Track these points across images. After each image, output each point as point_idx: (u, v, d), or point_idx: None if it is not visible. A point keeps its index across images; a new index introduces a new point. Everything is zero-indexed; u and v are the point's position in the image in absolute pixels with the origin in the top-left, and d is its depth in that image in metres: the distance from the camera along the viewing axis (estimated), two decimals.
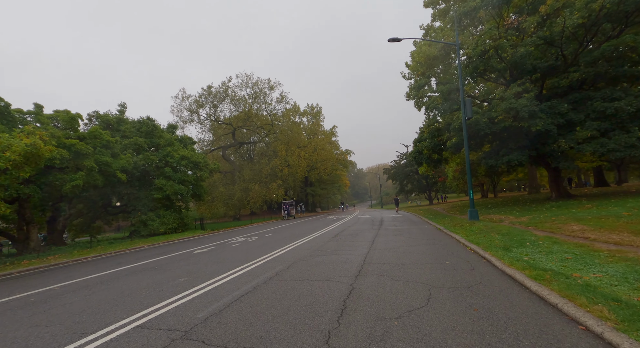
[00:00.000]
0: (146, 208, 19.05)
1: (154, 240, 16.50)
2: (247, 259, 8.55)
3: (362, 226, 16.92)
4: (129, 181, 18.17)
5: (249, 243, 12.42)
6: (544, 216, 13.22)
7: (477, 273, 5.72)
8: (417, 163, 24.45)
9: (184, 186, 20.09)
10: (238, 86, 38.98)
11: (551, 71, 17.25)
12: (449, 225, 13.92)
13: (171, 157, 19.87)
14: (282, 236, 14.11)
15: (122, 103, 21.06)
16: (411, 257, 7.44)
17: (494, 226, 11.95)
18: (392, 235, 12.18)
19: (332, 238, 12.24)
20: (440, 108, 18.57)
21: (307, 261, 7.59)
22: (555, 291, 4.25)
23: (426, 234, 12.03)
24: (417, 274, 5.83)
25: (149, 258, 10.66)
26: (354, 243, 10.37)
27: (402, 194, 55.00)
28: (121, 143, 18.10)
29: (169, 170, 19.54)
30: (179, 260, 9.52)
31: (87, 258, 11.87)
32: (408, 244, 9.63)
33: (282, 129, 42.48)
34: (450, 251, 8.11)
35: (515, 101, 14.92)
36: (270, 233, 16.39)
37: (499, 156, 17.73)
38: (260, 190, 34.92)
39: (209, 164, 24.05)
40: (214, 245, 12.86)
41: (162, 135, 20.67)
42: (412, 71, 26.61)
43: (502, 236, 9.60)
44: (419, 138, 23.55)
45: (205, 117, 39.64)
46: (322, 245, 10.32)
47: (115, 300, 5.54)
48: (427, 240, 10.26)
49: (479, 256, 7.22)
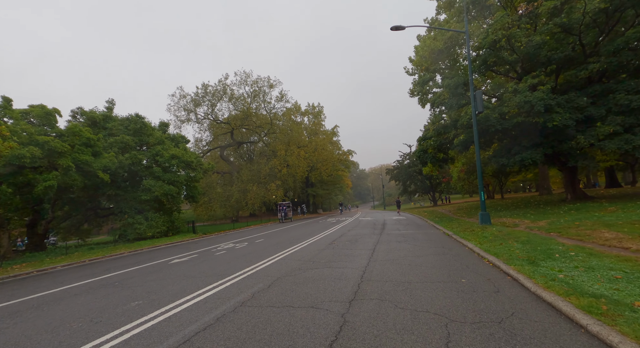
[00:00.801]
0: (133, 210, 17.92)
1: (138, 245, 15.36)
2: (225, 273, 7.35)
3: (363, 230, 15.69)
4: (114, 182, 17.08)
5: (236, 251, 11.23)
6: (564, 220, 11.92)
7: (504, 298, 4.48)
8: (422, 162, 23.16)
9: (174, 187, 18.94)
10: (236, 84, 37.94)
11: (567, 62, 15.94)
12: (458, 230, 12.65)
13: (161, 156, 18.73)
14: (274, 242, 12.91)
15: (110, 99, 19.97)
16: (418, 272, 6.21)
17: (509, 232, 10.67)
18: (396, 241, 10.93)
19: (329, 244, 11.01)
20: (447, 103, 17.29)
21: (295, 277, 6.37)
22: (630, 337, 3.00)
23: (433, 240, 10.77)
24: (428, 298, 4.60)
25: (119, 268, 9.48)
26: (352, 252, 9.14)
27: (405, 195, 53.63)
28: (106, 141, 16.99)
29: (158, 170, 18.39)
30: (148, 272, 8.33)
31: (55, 268, 10.72)
32: (414, 253, 8.39)
33: (282, 129, 41.34)
34: (464, 263, 6.87)
35: (530, 94, 13.64)
36: (263, 238, 15.19)
37: (511, 154, 16.43)
38: (259, 191, 33.74)
39: (203, 164, 22.91)
40: (196, 252, 11.66)
41: (152, 133, 19.55)
42: (416, 66, 25.37)
43: (522, 244, 8.34)
44: (423, 136, 22.27)
45: (203, 116, 38.56)
46: (315, 254, 9.10)
47: (28, 338, 4.26)
48: (435, 249, 9.02)
49: (500, 272, 5.98)
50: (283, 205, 31.15)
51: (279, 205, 31.65)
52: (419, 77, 23.80)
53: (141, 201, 17.75)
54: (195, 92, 36.69)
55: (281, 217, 30.17)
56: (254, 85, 39.02)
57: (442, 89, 17.91)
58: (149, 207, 18.33)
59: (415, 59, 24.31)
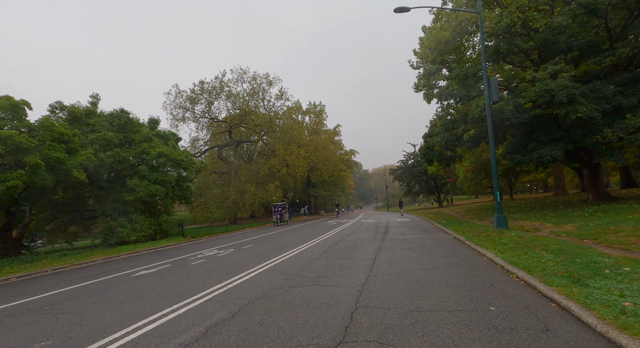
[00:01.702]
0: (117, 212, 16.64)
1: (118, 250, 14.04)
2: (188, 291, 5.97)
3: (364, 234, 14.27)
4: (94, 182, 15.83)
5: (216, 260, 9.85)
6: (594, 224, 10.43)
7: (562, 345, 3.05)
8: (427, 160, 21.71)
9: (162, 187, 17.65)
10: (233, 81, 36.65)
11: (590, 49, 14.43)
12: (471, 235, 11.20)
13: (147, 154, 17.45)
14: (263, 249, 11.53)
15: (95, 94, 18.76)
16: (430, 293, 4.79)
17: (532, 238, 9.21)
18: (400, 248, 9.50)
19: (323, 252, 9.60)
20: (456, 95, 15.83)
21: (271, 301, 4.98)
22: None
23: (444, 247, 9.33)
24: (448, 342, 3.18)
25: (70, 283, 8.04)
26: (348, 262, 7.74)
27: (409, 196, 52.03)
28: (87, 138, 15.76)
29: (144, 169, 17.11)
30: (97, 290, 6.93)
31: (8, 280, 9.39)
32: (422, 265, 6.97)
33: (282, 128, 40.02)
34: (487, 280, 5.44)
35: (552, 82, 12.15)
36: (253, 243, 13.80)
37: (527, 151, 14.94)
38: (257, 192, 32.41)
39: (195, 163, 21.62)
40: (171, 261, 10.22)
41: (140, 130, 18.30)
42: (421, 59, 23.90)
43: (554, 254, 6.89)
44: (429, 132, 20.83)
45: (200, 114, 37.32)
46: (305, 266, 7.70)
47: None
48: (447, 258, 7.58)
49: (539, 295, 4.54)
50: (278, 206, 28.32)
51: (274, 206, 28.95)
52: (424, 70, 22.36)
53: (125, 202, 16.46)
54: (191, 89, 35.44)
55: (276, 219, 27.48)
56: (253, 82, 37.78)
57: (449, 81, 16.45)
58: (134, 209, 17.04)
59: (420, 51, 22.83)
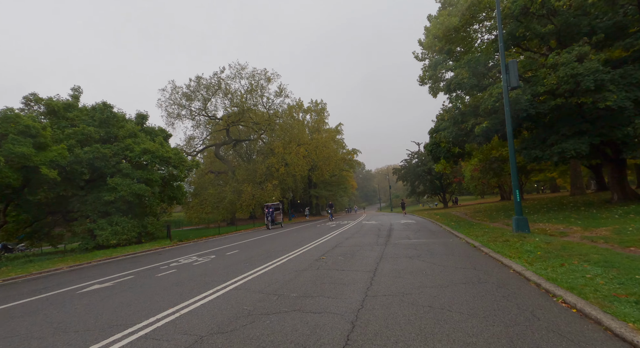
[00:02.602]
0: (96, 213, 15.37)
1: (93, 256, 12.75)
2: (125, 320, 4.60)
3: (364, 238, 12.85)
4: (70, 180, 14.58)
5: (188, 270, 8.48)
6: (632, 228, 8.93)
7: None
8: (434, 158, 20.24)
9: (147, 187, 16.35)
10: (231, 77, 35.26)
11: (617, 31, 12.90)
12: (486, 239, 9.75)
13: (131, 151, 16.17)
14: (247, 256, 10.15)
15: (76, 87, 17.51)
16: (450, 329, 3.38)
17: (563, 245, 7.75)
18: (405, 256, 8.08)
19: (315, 261, 8.21)
20: (466, 85, 14.36)
21: (227, 339, 3.59)
22: None
23: (457, 255, 7.89)
24: None
25: None
26: (343, 275, 6.35)
27: (413, 196, 50.47)
28: (63, 132, 14.52)
29: (127, 166, 15.83)
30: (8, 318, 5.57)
31: None
32: (434, 280, 5.56)
33: (282, 126, 38.68)
34: (523, 306, 4.01)
35: (579, 66, 10.65)
36: (239, 248, 12.42)
37: (546, 145, 13.43)
38: (254, 192, 31.05)
39: (186, 161, 20.31)
40: (134, 273, 8.74)
41: (124, 125, 17.03)
42: (427, 49, 22.43)
43: (601, 268, 5.45)
44: (435, 127, 19.36)
45: (196, 111, 36.05)
46: (289, 280, 6.32)
47: None
48: (464, 271, 6.17)
49: (610, 336, 3.10)
50: (270, 207, 25.27)
51: (265, 207, 25.87)
52: (430, 61, 20.90)
53: (105, 202, 15.19)
54: (187, 85, 34.13)
55: (268, 222, 24.41)
56: (251, 78, 36.43)
57: (458, 70, 14.98)
58: (115, 210, 15.76)
59: (426, 40, 21.35)
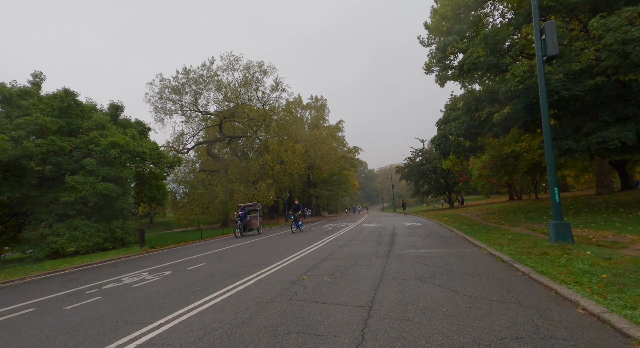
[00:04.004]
0: (52, 217, 13.37)
1: (39, 267, 10.69)
2: None
3: (362, 246, 10.71)
4: (19, 177, 12.56)
5: (118, 297, 6.37)
6: None
7: None
8: (442, 153, 18.03)
9: (116, 186, 14.32)
10: (223, 69, 33.18)
11: None
12: (516, 251, 7.60)
13: (97, 144, 14.16)
14: (208, 274, 8.04)
15: (37, 72, 15.48)
16: None
17: (634, 262, 5.59)
18: (414, 277, 5.93)
19: (290, 285, 6.07)
20: (483, 64, 12.15)
21: None
22: None
23: (484, 276, 5.72)
24: None
25: None
26: (321, 316, 4.23)
27: (417, 196, 48.20)
28: (12, 123, 12.53)
29: (91, 162, 13.81)
30: None
31: None
32: (463, 330, 3.41)
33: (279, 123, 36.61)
34: None
35: (634, 29, 8.43)
36: (207, 260, 10.25)
37: (580, 135, 11.22)
38: (247, 191, 28.97)
39: (165, 157, 18.26)
40: (39, 303, 6.43)
41: (91, 116, 15.02)
42: (433, 33, 20.24)
43: None
44: (444, 117, 17.19)
45: (187, 106, 33.94)
46: (240, 324, 4.20)
47: None
48: (505, 309, 4.01)
49: None
50: (243, 208, 20.20)
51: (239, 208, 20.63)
52: (438, 45, 18.68)
53: (63, 204, 13.18)
54: (174, 77, 32.02)
55: (237, 229, 18.75)
56: (245, 71, 34.34)
57: (473, 48, 12.77)
58: (77, 212, 13.76)
59: (432, 21, 19.13)
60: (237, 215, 19.87)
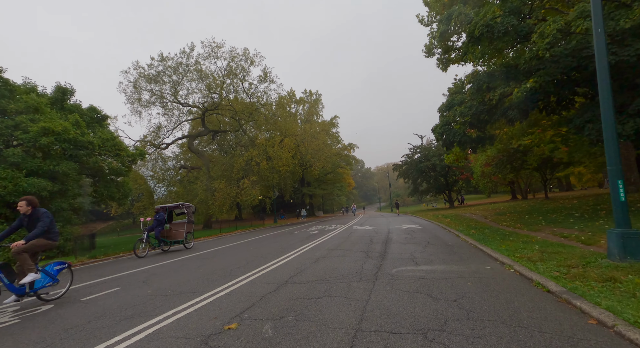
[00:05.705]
0: None
1: None
2: None
3: (345, 259, 8.22)
4: None
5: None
6: None
7: None
8: (445, 144, 15.53)
9: (51, 182, 11.77)
10: (204, 57, 30.54)
11: None
12: (562, 272, 5.18)
13: (24, 131, 11.63)
14: (98, 311, 5.57)
15: None
16: None
17: None
18: (412, 329, 3.40)
19: (212, 337, 3.56)
20: (500, 26, 9.62)
21: None
22: None
23: (529, 325, 3.15)
24: None
25: None
26: None
27: (415, 195, 45.78)
28: None
29: (15, 153, 11.23)
30: None
31: None
32: None
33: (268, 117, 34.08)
34: None
35: None
36: (121, 284, 7.30)
37: (627, 115, 8.78)
38: (229, 190, 26.42)
39: (124, 149, 15.69)
40: None
41: (22, 98, 12.47)
42: (434, 9, 17.81)
43: None
44: (448, 101, 14.77)
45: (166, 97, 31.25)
46: None
47: None
48: None
49: None
50: (161, 212, 13.50)
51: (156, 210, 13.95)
52: (441, 17, 16.17)
53: None
54: (149, 64, 29.25)
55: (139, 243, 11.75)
56: (231, 61, 31.74)
57: (487, 7, 10.29)
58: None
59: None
60: (146, 223, 13.80)
